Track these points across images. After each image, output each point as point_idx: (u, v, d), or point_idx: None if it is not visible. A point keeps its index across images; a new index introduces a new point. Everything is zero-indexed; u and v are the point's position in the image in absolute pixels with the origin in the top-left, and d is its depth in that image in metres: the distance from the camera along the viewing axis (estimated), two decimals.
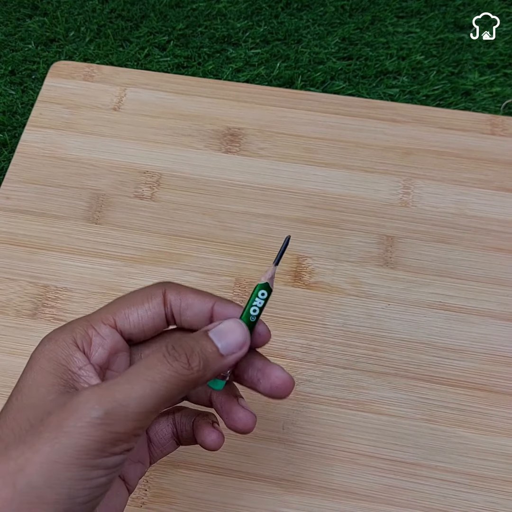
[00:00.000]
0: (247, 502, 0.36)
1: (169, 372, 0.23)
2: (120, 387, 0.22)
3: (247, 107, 0.51)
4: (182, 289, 0.27)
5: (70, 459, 0.21)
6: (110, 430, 0.21)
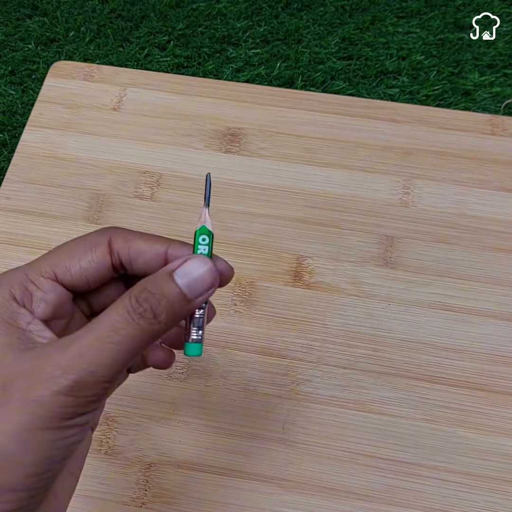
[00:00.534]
0: (247, 502, 0.36)
1: (135, 331, 0.21)
2: (86, 352, 0.21)
3: (247, 107, 0.51)
4: (130, 235, 0.25)
5: (43, 425, 0.20)
6: (81, 395, 0.21)
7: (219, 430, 0.38)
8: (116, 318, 0.21)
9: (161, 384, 0.40)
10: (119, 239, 0.25)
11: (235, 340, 0.41)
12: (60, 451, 0.21)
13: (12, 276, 0.24)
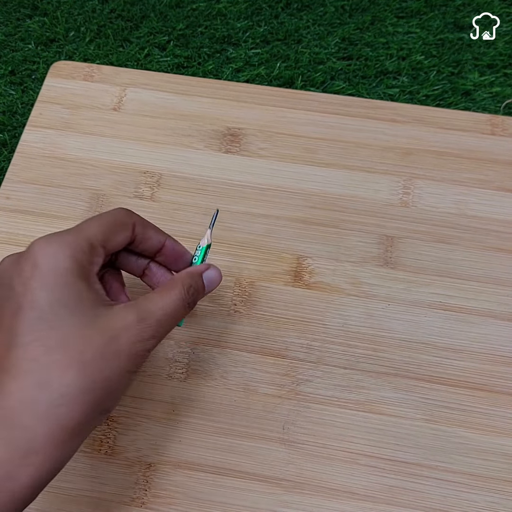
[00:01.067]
0: (247, 502, 0.36)
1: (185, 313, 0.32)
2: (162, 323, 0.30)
3: (247, 107, 0.51)
4: (146, 224, 0.34)
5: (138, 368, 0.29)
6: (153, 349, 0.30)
7: (219, 430, 0.38)
8: (175, 303, 0.31)
9: (161, 384, 0.40)
10: (140, 225, 0.33)
11: (235, 340, 0.41)
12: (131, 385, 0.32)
13: (82, 241, 0.29)
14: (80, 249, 0.29)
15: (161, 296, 0.31)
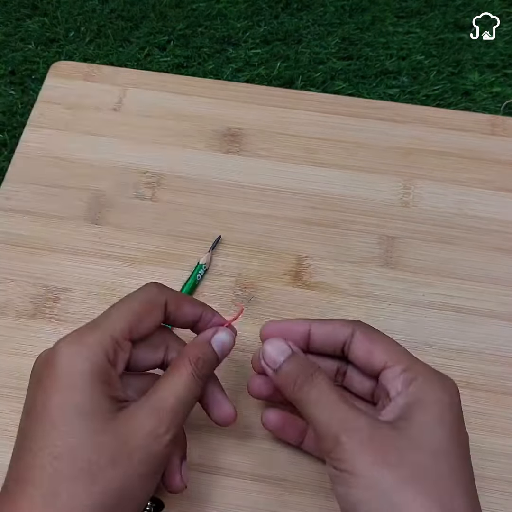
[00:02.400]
0: (247, 502, 0.36)
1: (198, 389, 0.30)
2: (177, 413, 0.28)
3: (247, 107, 0.51)
4: (180, 300, 0.32)
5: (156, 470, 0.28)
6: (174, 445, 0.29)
7: (219, 430, 0.38)
8: (187, 383, 0.29)
9: None
10: (173, 304, 0.31)
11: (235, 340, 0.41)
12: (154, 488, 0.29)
13: (103, 341, 0.28)
14: (101, 350, 0.28)
15: (170, 380, 0.29)
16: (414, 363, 0.30)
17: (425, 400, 0.28)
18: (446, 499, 0.25)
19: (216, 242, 0.38)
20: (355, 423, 0.27)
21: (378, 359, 0.30)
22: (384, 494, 0.25)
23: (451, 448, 0.27)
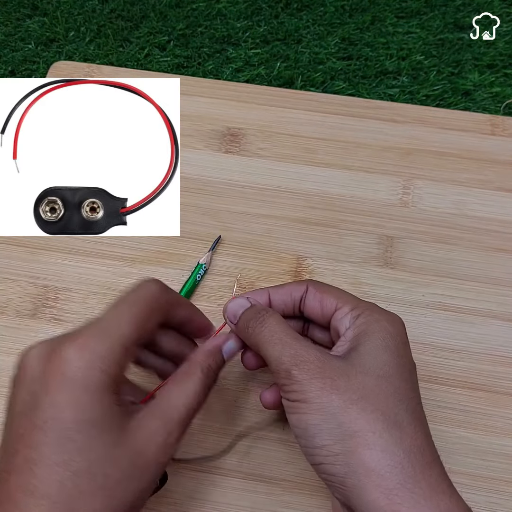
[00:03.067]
0: (247, 502, 0.36)
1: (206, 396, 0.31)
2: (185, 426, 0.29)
3: (247, 107, 0.51)
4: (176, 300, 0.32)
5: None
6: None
7: (219, 430, 0.38)
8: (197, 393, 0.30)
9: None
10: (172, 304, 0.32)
11: None
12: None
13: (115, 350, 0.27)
14: (113, 360, 0.27)
15: (181, 389, 0.29)
16: (360, 302, 0.32)
17: (371, 330, 0.30)
18: (390, 414, 0.27)
19: (216, 242, 0.38)
20: (305, 357, 0.29)
21: (329, 305, 0.33)
22: (332, 415, 0.27)
23: (394, 371, 0.29)
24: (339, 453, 0.27)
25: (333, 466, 0.27)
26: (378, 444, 0.26)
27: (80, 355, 0.26)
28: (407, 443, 0.27)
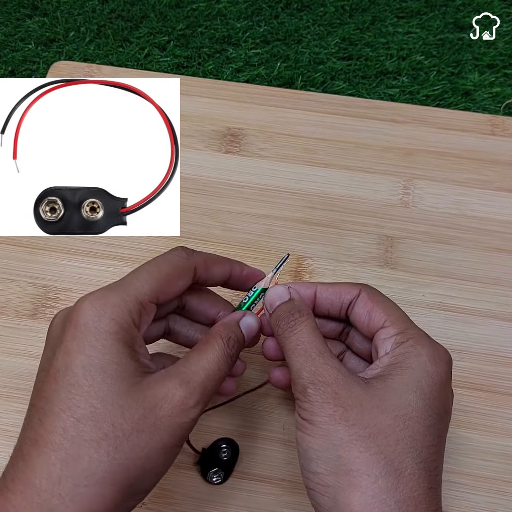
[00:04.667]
0: (247, 502, 0.36)
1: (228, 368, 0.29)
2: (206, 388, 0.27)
3: (247, 107, 0.51)
4: (208, 262, 0.31)
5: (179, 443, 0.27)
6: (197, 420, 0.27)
7: (219, 430, 0.38)
8: (217, 358, 0.28)
9: None
10: (201, 267, 0.31)
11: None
12: (174, 460, 0.27)
13: (128, 301, 0.27)
14: (126, 311, 0.27)
15: (201, 354, 0.28)
16: (410, 328, 0.30)
17: (406, 365, 0.28)
18: (394, 460, 0.25)
19: (283, 262, 0.34)
20: (324, 377, 0.27)
21: (377, 319, 0.30)
22: (334, 446, 0.26)
23: (417, 414, 0.27)
24: (330, 485, 0.26)
25: (321, 496, 0.26)
26: (371, 489, 0.25)
27: (92, 305, 0.27)
28: (402, 494, 0.25)
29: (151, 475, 0.26)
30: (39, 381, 0.27)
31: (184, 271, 0.30)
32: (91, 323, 0.26)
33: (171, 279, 0.29)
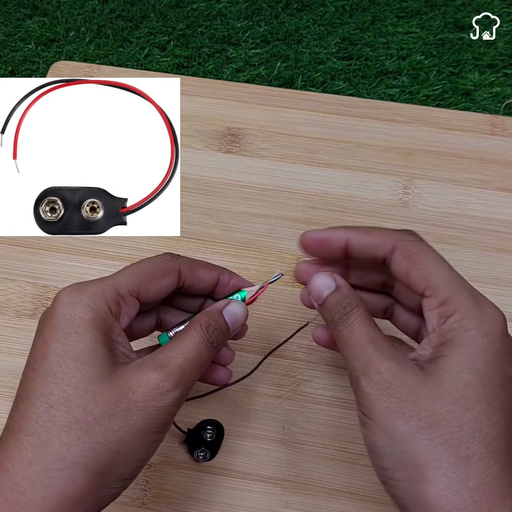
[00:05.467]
0: (247, 502, 0.36)
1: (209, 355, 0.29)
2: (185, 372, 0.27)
3: (247, 107, 0.51)
4: (194, 265, 0.31)
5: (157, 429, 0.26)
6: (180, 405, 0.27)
7: None
8: (197, 345, 0.28)
9: None
10: (187, 268, 0.31)
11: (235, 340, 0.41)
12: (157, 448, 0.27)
13: (106, 290, 0.28)
14: (102, 299, 0.27)
15: (179, 341, 0.28)
16: (453, 295, 0.28)
17: (456, 342, 0.26)
18: (460, 447, 0.24)
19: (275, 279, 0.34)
20: (376, 366, 0.26)
21: (417, 285, 0.28)
22: (396, 441, 0.25)
23: (475, 394, 0.25)
24: (401, 480, 0.25)
25: (396, 490, 0.26)
26: (441, 482, 0.24)
27: (70, 294, 0.27)
28: (475, 481, 0.24)
29: (128, 461, 0.26)
30: (22, 373, 0.27)
31: (167, 271, 0.30)
32: (67, 311, 0.26)
33: (153, 277, 0.29)
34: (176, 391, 0.26)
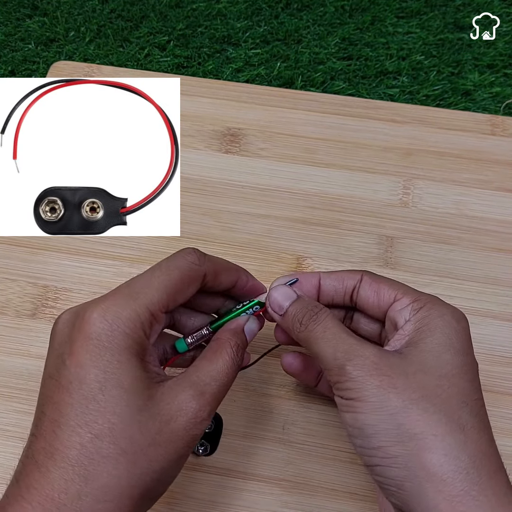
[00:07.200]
0: (247, 502, 0.36)
1: (235, 375, 0.30)
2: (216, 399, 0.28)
3: (247, 107, 0.51)
4: (218, 268, 0.31)
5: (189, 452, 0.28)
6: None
7: None
8: (227, 369, 0.29)
9: None
10: (211, 274, 0.31)
11: None
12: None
13: (141, 314, 0.27)
14: (138, 324, 0.27)
15: (212, 363, 0.29)
16: (422, 295, 0.30)
17: (433, 325, 0.28)
18: (453, 416, 0.25)
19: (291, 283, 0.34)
20: (360, 352, 0.27)
21: (387, 296, 0.31)
22: (391, 416, 0.25)
23: (458, 371, 0.27)
24: (397, 455, 0.25)
25: (390, 469, 0.25)
26: (441, 448, 0.25)
27: (103, 317, 0.26)
28: (471, 448, 0.25)
29: (165, 484, 0.27)
30: (48, 389, 0.26)
31: (195, 278, 0.30)
32: (104, 337, 0.26)
33: (182, 287, 0.29)
34: (209, 418, 0.27)
